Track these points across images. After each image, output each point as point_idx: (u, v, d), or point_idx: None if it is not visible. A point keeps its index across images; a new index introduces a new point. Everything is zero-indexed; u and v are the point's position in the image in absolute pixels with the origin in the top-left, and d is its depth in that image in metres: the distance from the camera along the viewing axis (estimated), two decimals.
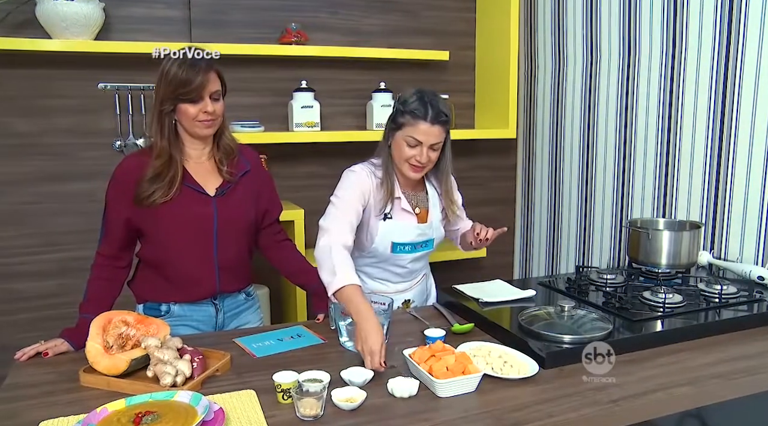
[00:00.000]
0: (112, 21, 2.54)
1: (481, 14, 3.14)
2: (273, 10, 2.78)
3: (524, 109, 3.31)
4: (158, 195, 1.64)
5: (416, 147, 1.74)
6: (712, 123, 2.31)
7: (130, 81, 2.60)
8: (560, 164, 3.05)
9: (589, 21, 2.82)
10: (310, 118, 2.74)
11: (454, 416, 1.23)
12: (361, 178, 1.80)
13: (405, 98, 1.75)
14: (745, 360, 1.49)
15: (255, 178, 1.83)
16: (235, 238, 1.77)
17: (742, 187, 2.21)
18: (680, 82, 2.42)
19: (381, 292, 1.91)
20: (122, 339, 1.48)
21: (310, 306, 1.97)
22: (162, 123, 1.67)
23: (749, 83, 2.16)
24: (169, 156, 1.67)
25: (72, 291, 2.65)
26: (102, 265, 1.73)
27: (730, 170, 2.25)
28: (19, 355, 1.53)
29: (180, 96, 1.63)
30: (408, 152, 1.75)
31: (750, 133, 2.17)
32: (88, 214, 2.63)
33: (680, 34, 2.40)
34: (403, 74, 3.04)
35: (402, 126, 1.74)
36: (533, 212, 3.32)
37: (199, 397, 1.22)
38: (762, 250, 2.16)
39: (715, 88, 2.29)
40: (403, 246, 1.85)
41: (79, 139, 2.60)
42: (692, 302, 1.80)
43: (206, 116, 1.66)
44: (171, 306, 1.77)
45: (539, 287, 2.03)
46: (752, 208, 2.18)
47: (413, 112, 1.71)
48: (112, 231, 1.72)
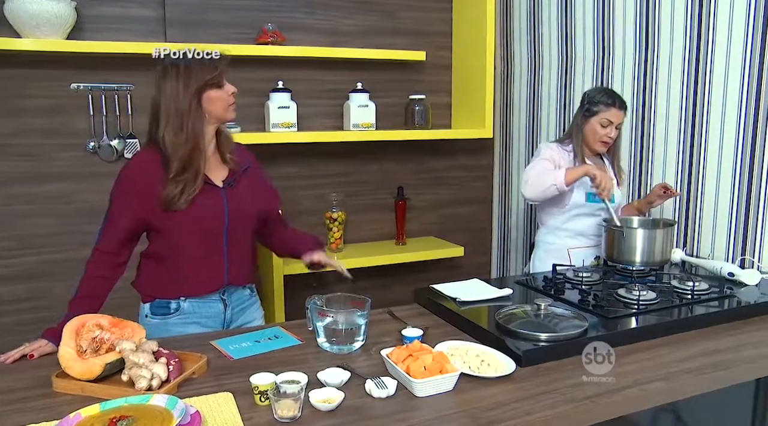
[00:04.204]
0: (84, 20, 2.51)
1: (458, 15, 3.16)
2: (249, 10, 2.77)
3: (500, 109, 3.34)
4: (189, 190, 1.66)
5: (608, 127, 2.26)
6: (683, 124, 2.35)
7: (103, 81, 2.57)
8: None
9: (564, 22, 2.85)
10: (287, 119, 2.73)
11: (432, 416, 1.23)
12: (552, 151, 2.33)
13: (594, 93, 2.30)
14: (716, 355, 1.52)
15: (255, 173, 1.89)
16: (243, 229, 1.81)
17: (713, 186, 2.26)
18: (653, 83, 2.46)
19: (579, 247, 2.36)
20: (96, 343, 1.45)
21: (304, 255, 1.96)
22: (194, 115, 1.67)
23: (718, 87, 2.21)
24: (197, 147, 1.69)
25: (47, 294, 2.61)
26: (99, 261, 1.71)
27: (701, 171, 2.30)
28: (3, 359, 1.51)
29: (209, 82, 1.67)
30: (601, 131, 2.27)
31: (719, 134, 2.22)
32: (62, 216, 2.59)
33: (653, 36, 2.44)
34: (380, 74, 3.04)
35: (596, 113, 2.26)
36: (510, 212, 3.34)
37: (175, 401, 1.20)
38: (732, 247, 2.21)
39: (686, 90, 2.33)
40: (593, 195, 2.26)
41: (51, 140, 2.56)
42: (665, 299, 1.83)
43: (233, 98, 1.75)
44: (180, 303, 1.78)
45: (516, 286, 2.04)
46: (722, 207, 2.23)
47: (605, 102, 2.25)
48: (116, 227, 1.71)
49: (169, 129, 1.67)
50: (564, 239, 2.37)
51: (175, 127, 1.67)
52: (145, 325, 1.78)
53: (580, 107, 2.34)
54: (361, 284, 2.93)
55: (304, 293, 1.76)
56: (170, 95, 1.66)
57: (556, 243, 2.38)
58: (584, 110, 2.30)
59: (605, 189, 2.10)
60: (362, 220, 3.15)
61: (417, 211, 3.25)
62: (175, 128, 1.67)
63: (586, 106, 2.30)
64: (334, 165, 3.04)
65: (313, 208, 2.95)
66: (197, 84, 1.66)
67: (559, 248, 2.36)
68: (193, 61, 1.68)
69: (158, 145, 1.69)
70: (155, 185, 1.67)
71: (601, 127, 2.26)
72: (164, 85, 1.67)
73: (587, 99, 2.30)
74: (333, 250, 2.93)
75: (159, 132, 1.68)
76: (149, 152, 1.72)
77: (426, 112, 3.00)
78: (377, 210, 3.17)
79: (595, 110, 2.27)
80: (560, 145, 2.36)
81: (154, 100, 1.70)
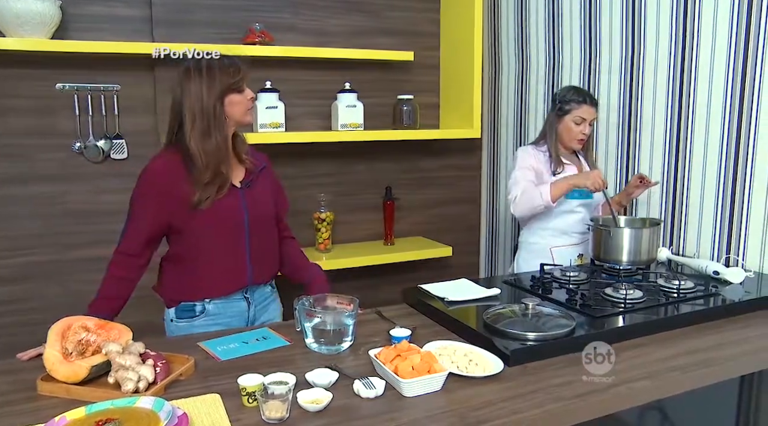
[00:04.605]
0: (69, 19, 2.48)
1: (445, 15, 3.17)
2: (236, 10, 2.76)
3: (488, 109, 3.35)
4: (218, 195, 1.69)
5: (581, 124, 2.29)
6: (669, 125, 2.37)
7: (89, 81, 2.55)
8: None
9: (551, 22, 2.86)
10: (275, 119, 2.72)
11: (420, 415, 1.24)
12: (529, 156, 2.36)
13: (564, 93, 2.34)
14: (701, 353, 1.54)
15: (269, 175, 1.92)
16: (264, 227, 1.84)
17: (698, 186, 2.28)
18: (639, 84, 2.48)
19: (562, 245, 2.38)
20: (82, 345, 1.44)
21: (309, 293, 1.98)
22: (219, 118, 1.69)
23: (703, 89, 2.23)
24: (226, 153, 1.71)
25: (36, 296, 2.59)
26: (120, 262, 1.72)
27: (687, 171, 2.32)
28: (20, 355, 1.52)
29: (232, 86, 1.68)
30: (575, 129, 2.30)
31: (705, 135, 2.24)
32: (49, 216, 2.57)
33: (639, 37, 2.46)
34: (367, 74, 3.04)
35: (569, 111, 2.30)
36: (498, 211, 3.35)
37: (162, 403, 1.20)
38: (717, 246, 2.23)
39: (671, 91, 2.35)
40: (571, 192, 2.29)
41: (37, 140, 2.53)
42: (652, 298, 1.84)
43: (252, 103, 1.76)
44: (205, 305, 1.79)
45: (504, 286, 2.05)
46: (708, 207, 2.25)
47: (576, 100, 2.29)
48: (138, 230, 1.72)
49: (196, 133, 1.67)
50: (547, 238, 2.39)
51: (203, 132, 1.68)
52: (171, 329, 1.79)
53: (552, 107, 2.39)
54: (349, 284, 2.94)
55: (292, 294, 1.76)
56: (195, 96, 1.67)
57: (539, 243, 2.41)
58: (557, 110, 2.35)
59: (599, 184, 2.14)
60: (350, 221, 3.15)
61: (405, 211, 3.26)
62: (203, 133, 1.68)
63: (558, 105, 2.34)
64: (322, 165, 3.04)
65: (301, 209, 2.94)
66: (221, 87, 1.67)
67: (542, 248, 2.38)
68: (217, 63, 1.69)
69: (180, 146, 1.70)
70: (178, 187, 1.68)
71: (575, 124, 2.31)
72: (188, 86, 1.68)
73: (558, 98, 2.35)
74: (321, 251, 2.92)
75: (184, 135, 1.69)
76: (170, 153, 1.73)
77: (414, 112, 3.00)
78: (365, 210, 3.17)
79: (568, 109, 2.31)
80: (536, 147, 2.40)
81: (176, 101, 1.71)
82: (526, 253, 2.44)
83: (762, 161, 2.07)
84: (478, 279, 2.11)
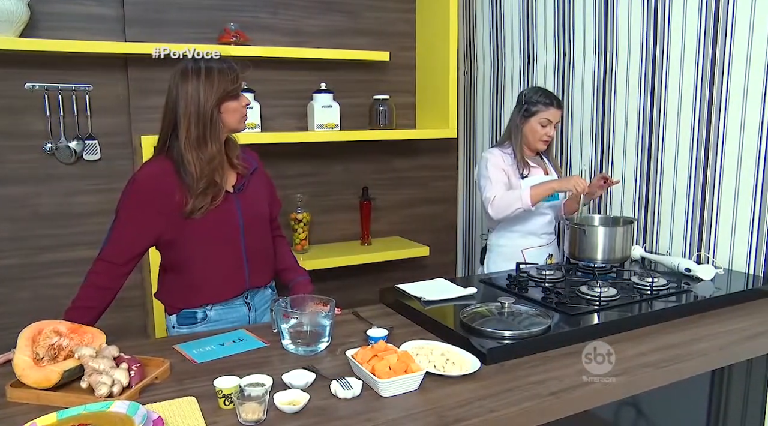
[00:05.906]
0: (38, 18, 2.44)
1: (421, 15, 3.18)
2: (211, 9, 2.73)
3: (464, 108, 3.36)
4: (215, 202, 1.66)
5: (547, 126, 2.30)
6: (641, 125, 2.41)
7: (60, 81, 2.50)
8: None
9: (526, 22, 2.89)
10: (251, 120, 2.69)
11: (398, 415, 1.24)
12: (496, 158, 2.34)
13: (531, 94, 2.32)
14: (673, 349, 1.56)
15: (261, 175, 1.89)
16: (259, 231, 1.81)
17: (670, 186, 2.32)
18: (611, 84, 2.51)
19: (532, 247, 2.39)
20: (54, 350, 1.42)
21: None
22: (215, 125, 1.64)
23: (674, 90, 2.27)
24: (220, 164, 1.67)
25: (6, 300, 2.53)
26: (101, 271, 1.65)
27: (659, 169, 2.36)
28: None
29: (230, 93, 1.64)
30: (541, 131, 2.30)
31: (676, 134, 2.28)
32: (18, 220, 2.51)
33: (611, 38, 2.49)
34: (344, 75, 3.04)
35: (535, 113, 2.30)
36: (475, 211, 3.37)
37: (137, 407, 1.18)
38: (689, 244, 2.27)
39: (643, 92, 2.39)
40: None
41: (6, 141, 2.48)
42: (626, 295, 1.87)
43: (246, 110, 1.72)
44: (207, 311, 1.77)
45: (480, 285, 2.06)
46: (679, 205, 2.29)
47: (544, 102, 2.29)
48: (127, 239, 1.65)
49: (191, 141, 1.63)
50: (516, 240, 2.39)
51: (198, 139, 1.63)
52: (173, 336, 1.76)
53: (518, 108, 2.36)
54: (326, 285, 2.93)
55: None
56: (192, 101, 1.61)
57: (508, 245, 2.41)
58: (522, 111, 2.33)
59: (581, 187, 2.12)
60: (327, 221, 3.14)
61: (382, 212, 3.26)
62: (198, 140, 1.63)
63: (524, 106, 2.33)
64: (299, 166, 3.03)
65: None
66: (219, 94, 1.62)
67: (512, 250, 2.38)
68: (216, 67, 1.63)
69: (172, 153, 1.65)
70: (170, 197, 1.64)
71: (541, 126, 2.31)
72: (185, 89, 1.62)
73: (525, 100, 2.34)
74: (298, 251, 2.91)
75: (179, 143, 1.64)
76: (161, 161, 1.68)
77: (390, 113, 3.01)
78: (342, 210, 3.17)
79: (534, 110, 2.30)
80: (500, 149, 2.38)
81: (170, 104, 1.65)
82: (496, 256, 2.44)
83: (730, 161, 2.11)
84: (455, 278, 2.12)
